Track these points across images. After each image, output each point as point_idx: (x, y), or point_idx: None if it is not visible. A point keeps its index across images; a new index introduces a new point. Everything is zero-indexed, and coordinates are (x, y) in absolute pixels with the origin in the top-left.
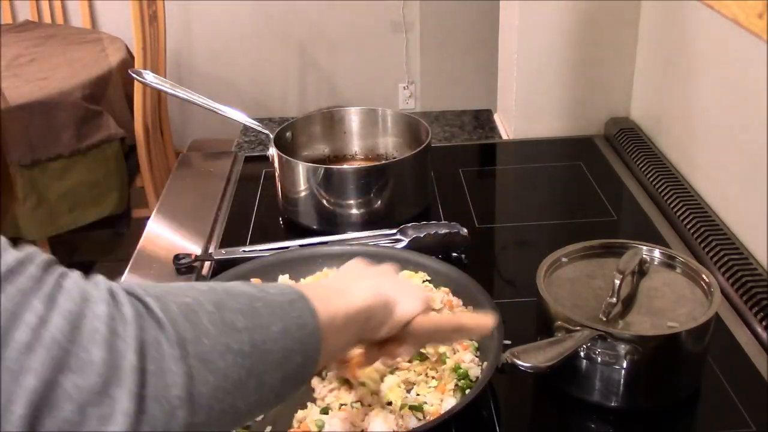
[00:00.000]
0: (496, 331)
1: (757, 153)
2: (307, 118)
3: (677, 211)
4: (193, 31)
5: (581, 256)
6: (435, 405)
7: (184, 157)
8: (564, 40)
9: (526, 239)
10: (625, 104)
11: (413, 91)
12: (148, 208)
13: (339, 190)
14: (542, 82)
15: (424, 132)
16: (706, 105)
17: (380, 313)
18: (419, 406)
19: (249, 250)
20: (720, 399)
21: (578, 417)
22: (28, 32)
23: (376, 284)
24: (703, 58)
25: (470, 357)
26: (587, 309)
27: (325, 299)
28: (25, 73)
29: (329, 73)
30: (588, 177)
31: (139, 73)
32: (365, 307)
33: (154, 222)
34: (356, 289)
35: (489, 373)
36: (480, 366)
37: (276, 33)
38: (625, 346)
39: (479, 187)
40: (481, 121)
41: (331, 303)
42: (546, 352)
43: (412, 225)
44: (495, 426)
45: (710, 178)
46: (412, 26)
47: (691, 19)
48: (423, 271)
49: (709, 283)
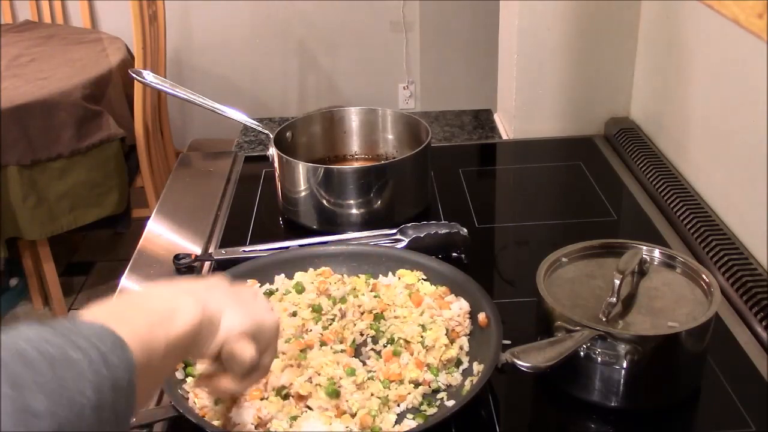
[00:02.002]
0: (494, 332)
1: (757, 153)
2: (307, 118)
3: (677, 211)
4: (193, 31)
5: (581, 256)
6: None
7: (184, 157)
8: (564, 40)
9: (526, 239)
10: (625, 104)
11: (413, 91)
12: (148, 208)
13: (339, 190)
14: (542, 82)
15: (424, 132)
16: (705, 105)
17: (206, 330)
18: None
19: (249, 250)
20: (720, 399)
21: (578, 417)
22: (28, 32)
23: (204, 299)
24: (703, 58)
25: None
26: (587, 309)
27: (146, 334)
28: (25, 73)
29: (329, 73)
30: (588, 177)
31: (139, 73)
32: (191, 330)
33: (154, 222)
34: (182, 308)
35: (488, 373)
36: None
37: (276, 33)
38: (625, 346)
39: (479, 187)
40: (481, 121)
41: (152, 337)
42: (546, 352)
43: (412, 225)
44: (495, 426)
45: (710, 178)
46: (412, 26)
47: (691, 19)
48: (419, 269)
49: (709, 283)
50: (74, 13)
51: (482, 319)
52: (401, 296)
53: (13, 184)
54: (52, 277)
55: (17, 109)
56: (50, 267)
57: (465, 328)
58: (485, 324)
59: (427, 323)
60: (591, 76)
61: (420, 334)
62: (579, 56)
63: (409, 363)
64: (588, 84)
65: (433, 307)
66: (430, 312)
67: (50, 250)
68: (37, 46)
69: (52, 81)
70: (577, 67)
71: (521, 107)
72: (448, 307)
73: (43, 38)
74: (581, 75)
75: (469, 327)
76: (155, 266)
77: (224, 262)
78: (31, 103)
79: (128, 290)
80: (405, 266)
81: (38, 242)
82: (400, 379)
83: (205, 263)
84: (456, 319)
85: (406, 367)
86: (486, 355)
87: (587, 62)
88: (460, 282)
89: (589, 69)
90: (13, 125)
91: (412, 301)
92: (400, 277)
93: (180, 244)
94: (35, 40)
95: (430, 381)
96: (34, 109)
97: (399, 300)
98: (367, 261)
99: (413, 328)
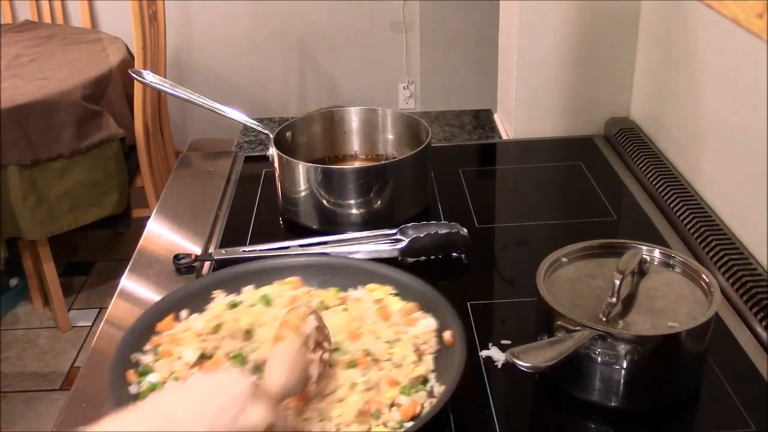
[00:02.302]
0: (458, 351)
1: (757, 153)
2: (307, 118)
3: (677, 211)
4: (193, 31)
5: (581, 256)
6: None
7: (184, 157)
8: (564, 40)
9: (526, 239)
10: (625, 104)
11: (413, 91)
12: (148, 208)
13: (339, 190)
14: (542, 82)
15: (424, 132)
16: (706, 105)
17: None
18: None
19: (249, 250)
20: (720, 399)
21: (578, 417)
22: (28, 32)
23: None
24: (703, 58)
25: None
26: (587, 309)
27: None
28: (25, 73)
29: (329, 73)
30: (588, 177)
31: (139, 73)
32: None
33: (154, 222)
34: None
35: (449, 392)
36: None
37: (276, 33)
38: (625, 346)
39: (479, 187)
40: (481, 121)
41: None
42: (546, 352)
43: (412, 225)
44: (495, 426)
45: (710, 178)
46: (412, 26)
47: (691, 19)
48: (390, 284)
49: (709, 283)
50: (74, 13)
51: (448, 338)
52: (370, 311)
53: (13, 184)
54: (52, 277)
55: (17, 109)
56: (50, 267)
57: (431, 347)
58: (450, 343)
59: (392, 340)
60: (591, 76)
61: (387, 351)
62: (579, 56)
63: (381, 382)
64: (588, 84)
65: (398, 323)
66: (395, 329)
67: (50, 250)
68: (37, 46)
69: (52, 81)
70: (577, 67)
71: (521, 107)
72: (414, 324)
73: (43, 38)
74: (581, 75)
75: (436, 346)
76: (155, 266)
77: (224, 262)
78: (31, 103)
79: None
80: (375, 280)
81: (38, 242)
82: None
83: (205, 263)
84: (422, 337)
85: (379, 388)
86: (449, 375)
87: (587, 62)
88: (430, 299)
89: (589, 69)
90: (13, 125)
91: (379, 315)
92: (371, 291)
93: (180, 244)
94: (35, 40)
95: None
96: (34, 109)
97: (368, 315)
98: (340, 273)
99: (380, 345)
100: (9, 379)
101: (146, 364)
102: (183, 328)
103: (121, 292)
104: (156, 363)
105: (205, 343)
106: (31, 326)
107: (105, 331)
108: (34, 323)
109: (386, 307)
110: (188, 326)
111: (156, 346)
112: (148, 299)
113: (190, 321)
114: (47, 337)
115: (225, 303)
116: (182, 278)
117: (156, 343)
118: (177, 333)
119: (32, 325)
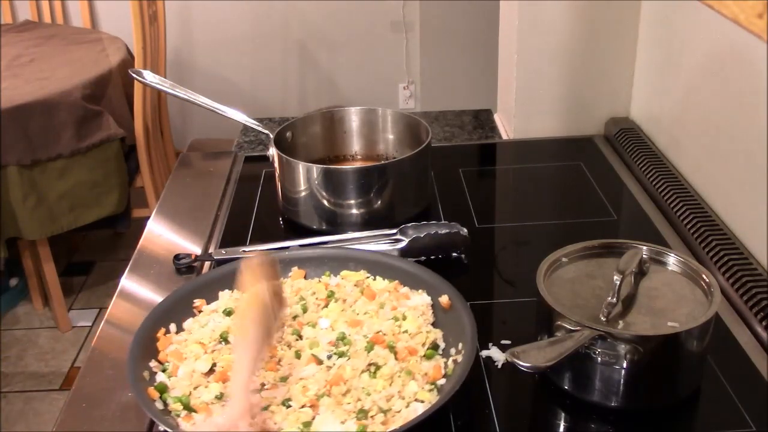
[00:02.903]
0: (462, 311)
1: (757, 153)
2: (307, 118)
3: (677, 211)
4: (193, 31)
5: (581, 256)
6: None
7: (184, 157)
8: (564, 40)
9: (526, 239)
10: (625, 104)
11: (413, 91)
12: (148, 208)
13: (339, 190)
14: (542, 82)
15: (424, 132)
16: (706, 105)
17: None
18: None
19: (249, 250)
20: (720, 399)
21: (578, 417)
22: (28, 32)
23: None
24: (703, 58)
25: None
26: (587, 309)
27: None
28: (25, 73)
29: (329, 73)
30: (588, 177)
31: (139, 73)
32: None
33: (154, 222)
34: None
35: (473, 347)
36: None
37: (276, 33)
38: (625, 346)
39: (479, 187)
40: (481, 121)
41: None
42: (546, 352)
43: (412, 225)
44: (495, 426)
45: (710, 178)
46: (412, 26)
47: (691, 19)
48: (363, 268)
49: (709, 283)
50: (74, 13)
51: (445, 301)
52: (353, 294)
53: (13, 184)
54: (52, 277)
55: (17, 109)
56: (50, 267)
57: (429, 317)
58: (448, 305)
59: (397, 317)
60: (591, 76)
61: (398, 324)
62: (579, 56)
63: (402, 353)
64: (588, 84)
65: (391, 300)
66: (391, 305)
67: (50, 250)
68: (37, 46)
69: (52, 81)
70: (577, 67)
71: (521, 107)
72: (407, 297)
73: (43, 38)
74: (581, 75)
75: (432, 317)
76: (155, 266)
77: (224, 262)
78: (31, 103)
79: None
80: (348, 266)
81: (38, 242)
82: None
83: (205, 263)
84: (420, 308)
85: (404, 359)
86: (459, 333)
87: (587, 62)
88: (411, 272)
89: (589, 69)
90: (13, 125)
91: (365, 296)
92: (344, 278)
93: (180, 244)
94: (35, 40)
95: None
96: (34, 109)
97: (350, 299)
98: (310, 264)
99: (387, 323)
100: (9, 379)
101: (161, 382)
102: (183, 338)
103: (121, 292)
104: (171, 379)
105: (213, 354)
106: (31, 326)
107: (105, 331)
108: (34, 323)
109: (369, 287)
110: (187, 337)
111: (163, 362)
112: (148, 299)
113: (186, 331)
114: (47, 337)
115: (220, 311)
116: (182, 278)
117: (162, 359)
118: (180, 346)
119: (32, 325)
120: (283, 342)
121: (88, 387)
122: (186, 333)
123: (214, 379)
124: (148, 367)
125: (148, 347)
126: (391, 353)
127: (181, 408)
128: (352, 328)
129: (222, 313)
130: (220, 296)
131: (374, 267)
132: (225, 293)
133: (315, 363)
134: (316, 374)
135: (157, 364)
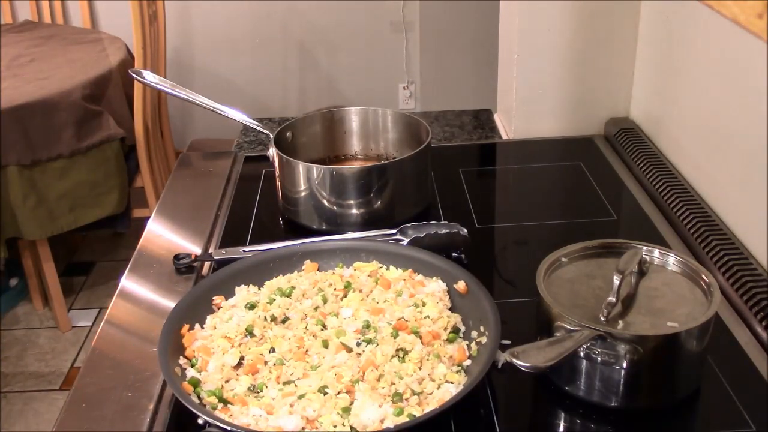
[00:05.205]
0: (481, 293)
1: (757, 153)
2: (307, 118)
3: (677, 211)
4: (193, 31)
5: (581, 256)
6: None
7: (184, 157)
8: (564, 40)
9: (526, 239)
10: (625, 104)
11: (413, 91)
12: (148, 208)
13: (339, 190)
14: (542, 82)
15: (424, 132)
16: (706, 105)
17: None
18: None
19: (249, 250)
20: (720, 399)
21: (578, 417)
22: (28, 32)
23: None
24: (703, 58)
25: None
26: (587, 309)
27: None
28: (25, 73)
29: (329, 73)
30: (588, 177)
31: (139, 73)
32: None
33: (154, 222)
34: None
35: (485, 367)
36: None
37: (276, 33)
38: (625, 346)
39: (479, 187)
40: (481, 121)
41: None
42: (546, 352)
43: (412, 225)
44: (495, 426)
45: (710, 178)
46: (412, 26)
47: (691, 19)
48: (376, 259)
49: (709, 283)
50: (74, 13)
51: (462, 287)
52: (368, 285)
53: (13, 184)
54: (52, 277)
55: (17, 109)
56: (50, 267)
57: (447, 303)
58: (465, 291)
59: (417, 303)
60: (591, 76)
61: (419, 311)
62: (579, 56)
63: (427, 337)
64: (588, 84)
65: (407, 288)
66: (408, 292)
67: (50, 250)
68: (37, 46)
69: (52, 81)
70: (577, 67)
71: (521, 107)
72: (422, 284)
73: (43, 38)
74: (581, 75)
75: (449, 303)
76: (155, 266)
77: (224, 262)
78: (31, 103)
79: (127, 291)
80: (360, 257)
81: (38, 242)
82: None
83: (205, 263)
84: (437, 294)
85: (429, 343)
86: (479, 316)
87: (587, 62)
88: (425, 260)
89: (589, 69)
90: (13, 125)
91: (380, 285)
92: (357, 269)
93: (180, 244)
94: (35, 40)
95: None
96: (34, 109)
97: (366, 289)
98: (322, 257)
99: (409, 310)
100: (9, 379)
101: (193, 377)
102: (208, 334)
103: (121, 292)
104: (202, 374)
105: (240, 347)
106: (31, 326)
107: (105, 331)
108: (34, 323)
109: (384, 276)
110: (212, 332)
111: (190, 358)
112: (148, 299)
113: (210, 326)
114: (47, 337)
115: (243, 304)
116: (182, 278)
117: (189, 355)
118: (207, 341)
119: (32, 325)
120: (308, 332)
121: (88, 387)
122: (210, 328)
123: (243, 372)
124: (177, 363)
125: (174, 344)
126: (417, 338)
127: (216, 401)
128: (374, 316)
129: (244, 307)
130: (237, 292)
131: (386, 257)
132: (242, 288)
133: (345, 351)
134: (348, 361)
135: (185, 361)
